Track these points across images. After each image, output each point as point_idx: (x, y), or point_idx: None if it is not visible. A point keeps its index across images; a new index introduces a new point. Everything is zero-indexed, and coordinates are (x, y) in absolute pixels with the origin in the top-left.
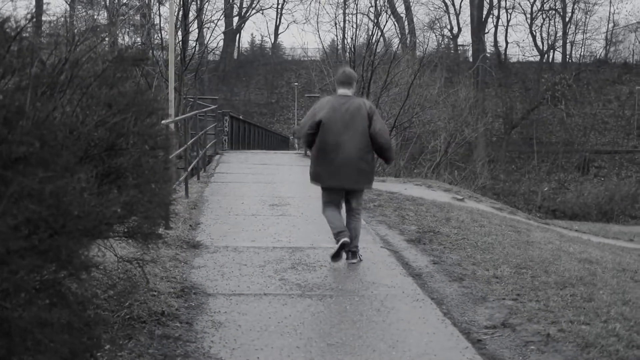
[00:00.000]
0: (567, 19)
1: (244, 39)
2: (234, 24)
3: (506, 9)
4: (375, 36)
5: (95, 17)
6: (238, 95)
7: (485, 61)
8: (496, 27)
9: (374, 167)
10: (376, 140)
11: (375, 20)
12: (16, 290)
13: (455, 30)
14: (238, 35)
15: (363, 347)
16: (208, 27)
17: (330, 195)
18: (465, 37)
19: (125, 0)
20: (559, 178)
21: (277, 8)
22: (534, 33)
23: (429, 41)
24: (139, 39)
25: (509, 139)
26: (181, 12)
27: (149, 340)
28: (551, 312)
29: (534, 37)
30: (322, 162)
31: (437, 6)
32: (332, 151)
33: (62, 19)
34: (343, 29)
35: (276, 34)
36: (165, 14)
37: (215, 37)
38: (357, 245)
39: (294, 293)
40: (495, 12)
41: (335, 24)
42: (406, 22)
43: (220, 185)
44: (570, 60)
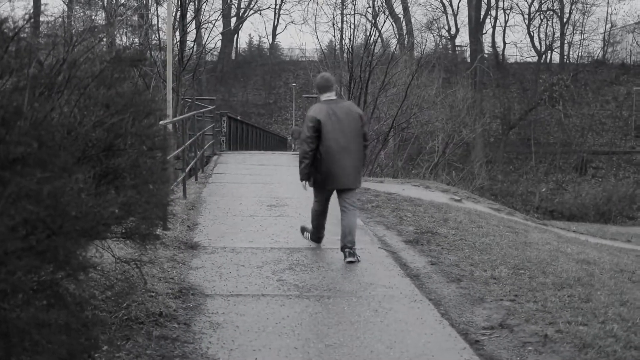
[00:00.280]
0: (565, 20)
1: (242, 39)
2: (232, 25)
3: (504, 9)
4: (373, 37)
5: (93, 17)
6: (236, 95)
7: (483, 62)
8: (494, 27)
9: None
10: (366, 140)
11: (373, 21)
12: (14, 291)
13: (453, 30)
14: (236, 36)
15: (361, 347)
16: (206, 28)
17: (325, 197)
18: (463, 38)
19: (123, 1)
20: (556, 179)
21: (274, 9)
22: (532, 34)
23: (426, 42)
24: (136, 40)
25: (506, 139)
26: (179, 13)
27: (146, 341)
28: (549, 312)
29: (531, 37)
30: (328, 167)
31: (435, 7)
32: (337, 155)
33: (60, 19)
34: (341, 29)
35: (274, 34)
36: (163, 15)
37: (213, 38)
38: (354, 241)
39: (292, 294)
40: (493, 12)
41: (333, 24)
42: (404, 23)
43: (218, 186)
44: (567, 61)
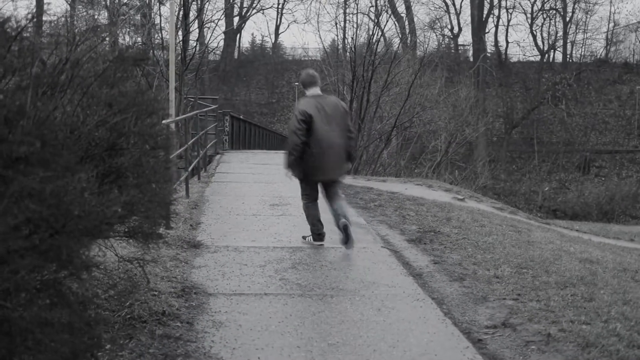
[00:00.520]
0: (568, 19)
1: (245, 38)
2: (235, 24)
3: (507, 8)
4: (375, 36)
5: (96, 17)
6: (238, 95)
7: (485, 61)
8: (497, 26)
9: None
10: (351, 134)
11: (376, 20)
12: (17, 290)
13: (456, 30)
14: (238, 35)
15: (363, 346)
16: (209, 27)
17: (314, 189)
18: (466, 37)
19: (125, 0)
20: (559, 178)
21: (277, 8)
22: (535, 33)
23: (429, 41)
24: (139, 39)
25: (509, 138)
26: (182, 12)
27: (149, 340)
28: (552, 311)
29: (534, 36)
30: (317, 160)
31: (438, 6)
32: (325, 148)
33: (63, 18)
34: (344, 28)
35: (277, 33)
36: (165, 14)
37: (215, 37)
38: (348, 217)
39: (295, 293)
40: (496, 11)
41: (336, 23)
42: (407, 22)
43: (221, 185)
44: (570, 60)
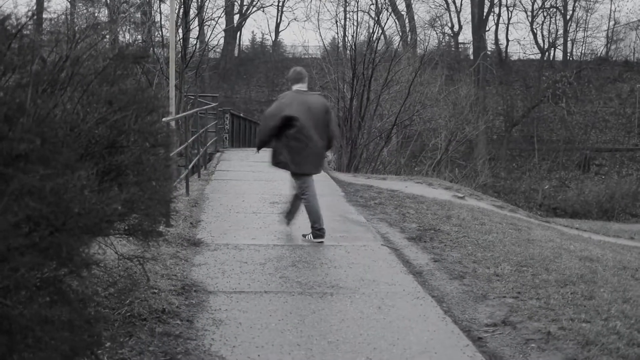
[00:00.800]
0: (568, 17)
1: (245, 36)
2: (235, 22)
3: (507, 6)
4: (376, 34)
5: (96, 14)
6: (239, 92)
7: (486, 59)
8: (497, 24)
9: None
10: (333, 131)
11: (376, 18)
12: (17, 288)
13: (456, 28)
14: (239, 33)
15: (363, 344)
16: (209, 25)
17: (306, 179)
18: (466, 35)
19: None
20: (559, 176)
21: (277, 5)
22: (535, 31)
23: (429, 39)
24: (139, 37)
25: (509, 136)
26: (182, 10)
27: (149, 337)
28: (552, 310)
29: (534, 35)
30: (297, 151)
31: (438, 4)
32: (306, 140)
33: (63, 16)
34: (344, 26)
35: (277, 31)
36: (166, 12)
37: (216, 35)
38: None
39: (295, 291)
40: (496, 9)
41: (336, 21)
42: (407, 20)
43: (221, 183)
44: (571, 58)
